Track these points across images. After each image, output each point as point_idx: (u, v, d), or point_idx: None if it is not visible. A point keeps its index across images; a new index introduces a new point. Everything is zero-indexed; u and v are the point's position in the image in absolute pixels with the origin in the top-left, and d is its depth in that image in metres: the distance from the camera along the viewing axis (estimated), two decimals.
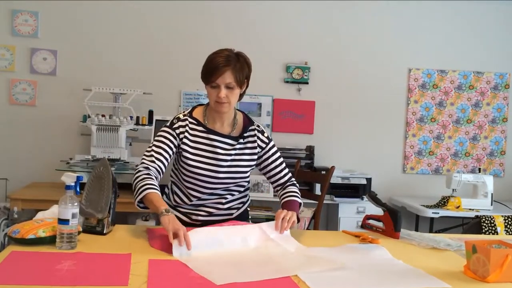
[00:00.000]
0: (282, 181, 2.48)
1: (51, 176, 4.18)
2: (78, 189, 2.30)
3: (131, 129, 4.18)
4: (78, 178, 2.40)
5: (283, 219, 2.17)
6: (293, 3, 4.87)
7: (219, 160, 2.31)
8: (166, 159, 2.27)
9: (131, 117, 4.17)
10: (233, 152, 2.34)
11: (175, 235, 1.89)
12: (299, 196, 2.42)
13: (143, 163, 2.23)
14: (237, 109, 2.45)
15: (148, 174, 2.17)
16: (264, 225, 2.17)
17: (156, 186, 2.13)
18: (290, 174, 2.51)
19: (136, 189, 2.13)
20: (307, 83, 4.90)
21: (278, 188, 2.49)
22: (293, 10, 4.87)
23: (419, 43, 5.03)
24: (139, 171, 2.19)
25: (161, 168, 2.25)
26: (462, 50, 5.09)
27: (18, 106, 4.53)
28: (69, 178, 2.19)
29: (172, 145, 2.29)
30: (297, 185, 2.50)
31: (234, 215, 2.43)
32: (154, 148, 2.27)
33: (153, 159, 2.24)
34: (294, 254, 1.99)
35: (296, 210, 2.30)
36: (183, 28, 4.73)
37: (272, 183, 2.50)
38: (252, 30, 4.81)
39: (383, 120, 5.03)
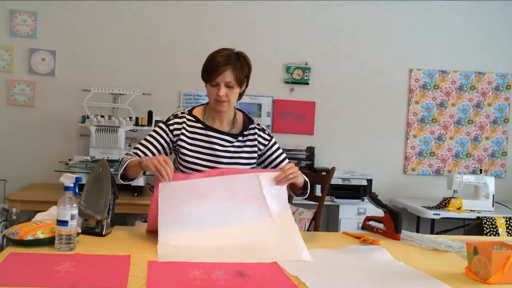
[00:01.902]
0: None
1: (50, 177, 4.17)
2: (77, 190, 2.29)
3: (130, 130, 4.17)
4: (77, 179, 2.39)
5: (287, 172, 2.14)
6: (294, 3, 4.86)
7: (217, 156, 2.32)
8: (153, 153, 2.31)
9: (130, 118, 4.16)
10: (231, 149, 2.35)
11: (159, 171, 1.99)
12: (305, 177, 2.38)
13: (127, 153, 2.34)
14: (237, 109, 2.46)
15: (130, 158, 2.26)
16: (262, 175, 2.16)
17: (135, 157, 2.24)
18: None
19: (120, 169, 2.25)
20: (307, 83, 4.89)
21: None
22: (293, 10, 4.86)
23: (420, 44, 5.03)
24: (122, 158, 2.33)
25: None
26: (464, 50, 5.08)
27: (17, 107, 4.52)
28: (68, 179, 2.18)
29: (162, 140, 2.34)
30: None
31: None
32: (142, 141, 2.35)
33: (138, 151, 2.31)
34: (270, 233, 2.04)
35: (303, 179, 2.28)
36: (182, 28, 4.72)
37: None
38: (252, 30, 4.80)
39: (384, 121, 5.02)
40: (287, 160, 2.49)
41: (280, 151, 2.49)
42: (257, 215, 2.09)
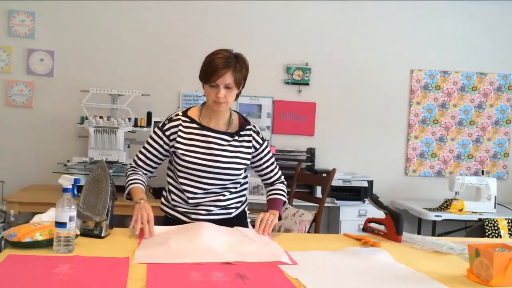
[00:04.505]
0: (271, 180, 2.59)
1: (48, 179, 4.16)
2: (75, 192, 2.29)
3: (129, 131, 4.16)
4: (76, 180, 2.38)
5: (261, 221, 2.28)
6: (294, 4, 4.84)
7: (214, 155, 2.34)
8: (153, 161, 2.43)
9: (129, 119, 4.15)
10: (229, 148, 2.38)
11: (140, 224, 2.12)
12: (284, 195, 2.54)
13: (131, 164, 2.46)
14: (233, 110, 2.49)
15: (134, 171, 2.42)
16: (244, 229, 2.29)
17: (140, 180, 2.37)
18: (279, 173, 2.62)
19: (125, 185, 2.36)
20: (307, 84, 4.87)
21: (267, 185, 2.61)
22: (293, 10, 4.85)
23: (422, 44, 5.01)
24: (127, 169, 2.45)
25: (147, 170, 2.44)
26: (465, 51, 5.06)
27: (15, 108, 4.50)
28: (66, 181, 2.17)
29: (159, 147, 2.41)
30: (285, 182, 2.63)
31: (232, 215, 2.47)
32: (142, 150, 2.44)
33: (140, 163, 2.43)
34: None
35: (279, 209, 2.44)
36: (182, 29, 4.71)
37: (262, 180, 2.62)
38: (252, 30, 4.79)
39: (385, 122, 5.00)
40: (274, 165, 2.58)
41: (269, 156, 2.54)
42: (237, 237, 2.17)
